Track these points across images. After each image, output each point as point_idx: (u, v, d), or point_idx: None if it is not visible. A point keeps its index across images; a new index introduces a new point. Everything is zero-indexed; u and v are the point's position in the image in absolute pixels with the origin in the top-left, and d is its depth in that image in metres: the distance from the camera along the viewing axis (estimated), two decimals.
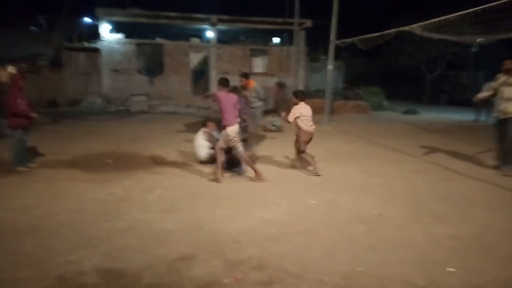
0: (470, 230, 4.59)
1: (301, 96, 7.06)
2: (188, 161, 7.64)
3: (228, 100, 6.31)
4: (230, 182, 6.45)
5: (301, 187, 6.27)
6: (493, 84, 7.31)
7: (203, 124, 7.55)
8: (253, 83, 9.18)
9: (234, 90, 7.76)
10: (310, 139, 7.01)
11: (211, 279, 3.37)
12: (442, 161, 8.28)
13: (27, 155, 7.03)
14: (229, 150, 6.70)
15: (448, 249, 4.08)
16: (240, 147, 6.44)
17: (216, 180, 6.35)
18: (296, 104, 6.94)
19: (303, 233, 4.40)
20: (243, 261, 3.68)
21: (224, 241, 4.13)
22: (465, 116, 17.15)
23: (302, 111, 6.87)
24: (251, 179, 6.56)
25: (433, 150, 9.37)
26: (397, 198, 5.73)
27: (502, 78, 7.12)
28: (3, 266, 3.54)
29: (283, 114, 7.30)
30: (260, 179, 6.43)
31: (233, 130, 6.31)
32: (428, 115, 17.78)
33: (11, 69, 9.16)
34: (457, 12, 7.68)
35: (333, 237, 4.32)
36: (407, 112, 18.96)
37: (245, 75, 8.95)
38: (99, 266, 3.56)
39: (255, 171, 6.49)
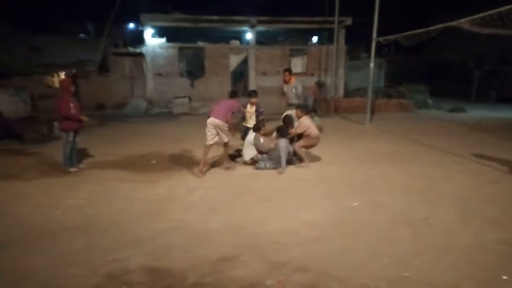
0: None
1: (304, 109, 7.86)
2: (228, 162, 7.71)
3: (221, 103, 7.33)
4: (270, 183, 6.47)
5: (343, 188, 6.18)
6: None
7: (257, 129, 7.58)
8: (294, 79, 9.31)
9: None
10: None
11: (254, 280, 3.39)
12: (491, 161, 7.87)
13: (77, 156, 7.39)
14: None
15: (501, 255, 3.88)
16: (207, 140, 7.00)
17: (196, 174, 6.84)
18: (300, 117, 7.64)
19: (346, 236, 4.33)
20: (285, 263, 3.68)
21: (266, 242, 4.14)
22: None
23: (310, 122, 7.66)
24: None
25: (482, 150, 8.91)
26: (444, 201, 5.51)
27: None
28: (55, 263, 3.73)
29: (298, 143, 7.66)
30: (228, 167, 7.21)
31: (211, 121, 7.06)
32: (476, 113, 17.02)
33: (63, 75, 9.65)
34: (507, 5, 7.25)
35: (377, 240, 4.22)
36: (453, 110, 18.13)
37: (288, 70, 9.34)
38: (145, 265, 3.68)
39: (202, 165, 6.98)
